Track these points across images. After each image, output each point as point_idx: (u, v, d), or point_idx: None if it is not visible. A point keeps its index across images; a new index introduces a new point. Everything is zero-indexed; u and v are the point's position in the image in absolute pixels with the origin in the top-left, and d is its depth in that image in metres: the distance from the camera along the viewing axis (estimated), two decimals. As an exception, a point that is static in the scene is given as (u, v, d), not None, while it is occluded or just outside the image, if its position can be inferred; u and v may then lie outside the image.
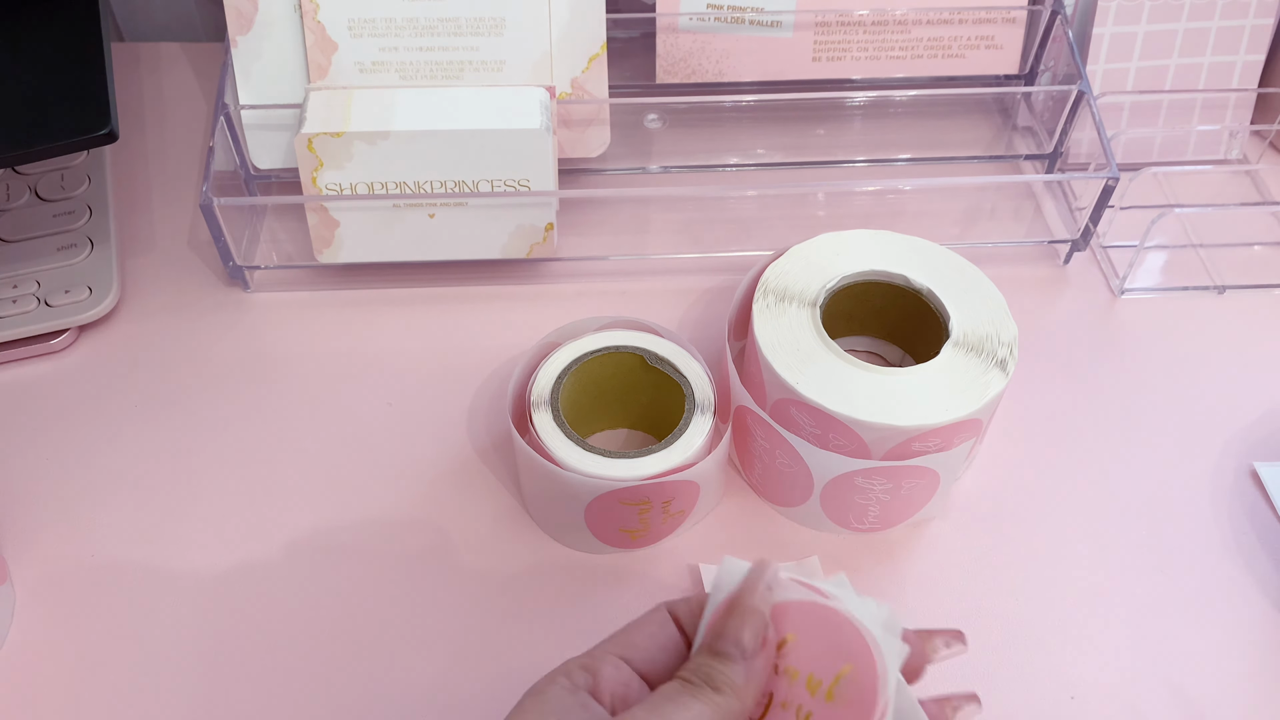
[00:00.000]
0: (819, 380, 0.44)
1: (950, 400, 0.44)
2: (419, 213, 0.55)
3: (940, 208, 0.62)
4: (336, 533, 0.48)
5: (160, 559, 0.47)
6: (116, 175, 0.61)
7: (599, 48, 0.57)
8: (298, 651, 0.44)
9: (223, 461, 0.50)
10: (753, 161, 0.64)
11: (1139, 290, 0.58)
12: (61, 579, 0.46)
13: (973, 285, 0.48)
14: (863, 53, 0.62)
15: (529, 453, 0.44)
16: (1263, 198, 0.63)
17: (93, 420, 0.52)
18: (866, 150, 0.65)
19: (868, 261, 0.49)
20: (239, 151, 0.58)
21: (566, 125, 0.59)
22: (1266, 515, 0.49)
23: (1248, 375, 0.54)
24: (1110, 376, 0.54)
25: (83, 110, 0.48)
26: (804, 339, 0.46)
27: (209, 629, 0.45)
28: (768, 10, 0.60)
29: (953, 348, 0.46)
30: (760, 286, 0.48)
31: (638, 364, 0.47)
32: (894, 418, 0.43)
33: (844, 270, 0.49)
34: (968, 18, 0.61)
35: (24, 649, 0.44)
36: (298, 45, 0.56)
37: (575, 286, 0.58)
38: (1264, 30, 0.62)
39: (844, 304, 0.50)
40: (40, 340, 0.54)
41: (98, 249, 0.56)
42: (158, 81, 0.68)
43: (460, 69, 0.56)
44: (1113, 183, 0.55)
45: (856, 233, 0.50)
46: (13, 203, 0.58)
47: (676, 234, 0.60)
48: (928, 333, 0.48)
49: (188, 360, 0.54)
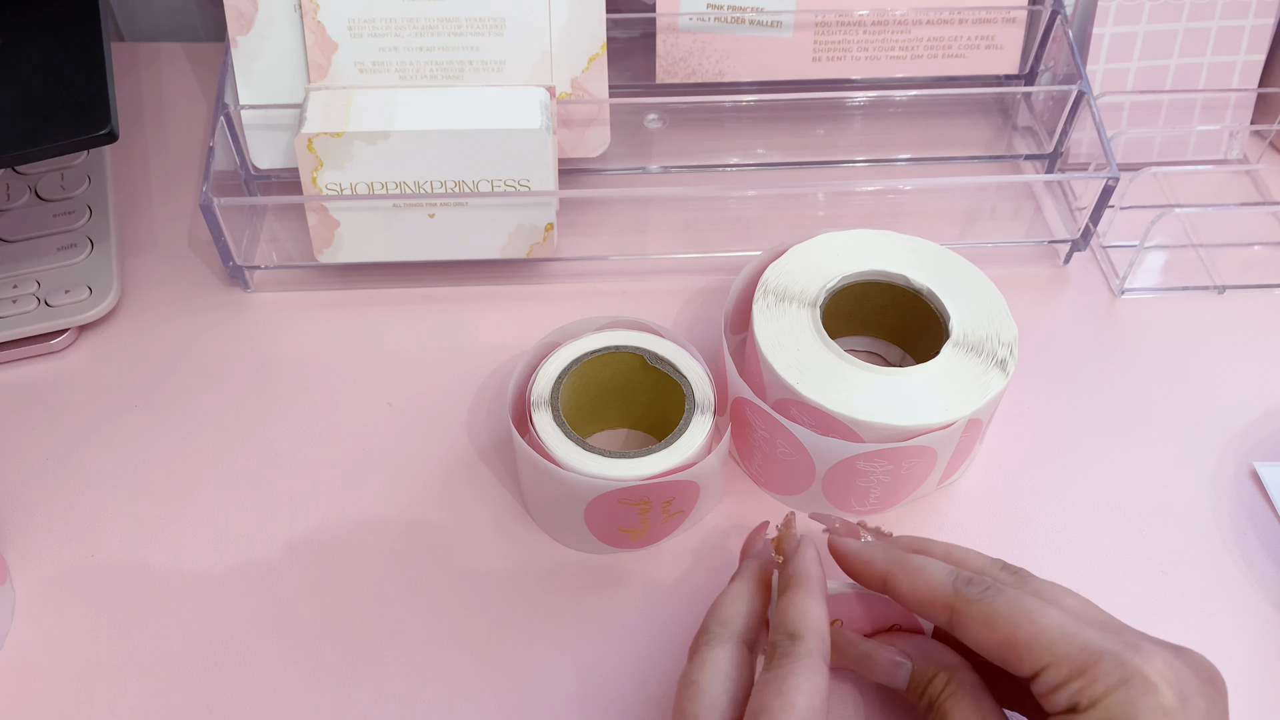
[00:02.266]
0: (819, 380, 0.44)
1: (950, 400, 0.44)
2: (419, 213, 0.55)
3: (940, 208, 0.62)
4: (336, 533, 0.48)
5: (160, 559, 0.47)
6: (116, 175, 0.61)
7: (599, 48, 0.57)
8: (297, 651, 0.44)
9: (223, 461, 0.50)
10: (753, 161, 0.64)
11: (1139, 290, 0.58)
12: (61, 579, 0.46)
13: (973, 285, 0.48)
14: (863, 53, 0.62)
15: (529, 453, 0.44)
16: (1263, 198, 0.63)
17: (93, 420, 0.52)
18: (866, 150, 0.65)
19: (868, 261, 0.49)
20: (239, 151, 0.58)
21: (566, 125, 0.59)
22: (1266, 515, 0.49)
23: (1248, 375, 0.54)
24: (1110, 376, 0.54)
25: (83, 110, 0.48)
26: (804, 339, 0.46)
27: (209, 629, 0.45)
28: (768, 10, 0.60)
29: (953, 348, 0.46)
30: (760, 286, 0.48)
31: (638, 364, 0.47)
32: (894, 418, 0.43)
33: (844, 270, 0.49)
34: (968, 18, 0.61)
35: (24, 649, 0.44)
36: (298, 45, 0.56)
37: (575, 286, 0.58)
38: (1264, 30, 0.62)
39: (844, 304, 0.50)
40: (40, 340, 0.54)
41: (98, 249, 0.56)
42: (158, 81, 0.68)
43: (460, 69, 0.56)
44: (1113, 183, 0.55)
45: (856, 232, 0.50)
46: (13, 203, 0.58)
47: (676, 234, 0.60)
48: (928, 333, 0.48)
49: (188, 360, 0.54)
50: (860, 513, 0.48)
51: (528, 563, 0.47)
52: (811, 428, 0.44)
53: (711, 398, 0.46)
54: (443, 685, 0.43)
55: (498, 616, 0.46)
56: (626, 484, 0.43)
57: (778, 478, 0.48)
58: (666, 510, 0.45)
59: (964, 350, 0.46)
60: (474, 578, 0.47)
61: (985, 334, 0.46)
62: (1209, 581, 0.47)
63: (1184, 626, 0.45)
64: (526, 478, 0.47)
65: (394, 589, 0.46)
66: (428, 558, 0.47)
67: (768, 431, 0.45)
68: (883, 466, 0.44)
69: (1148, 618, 0.46)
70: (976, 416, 0.45)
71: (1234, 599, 0.46)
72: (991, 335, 0.46)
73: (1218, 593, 0.47)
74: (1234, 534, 0.48)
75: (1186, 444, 0.52)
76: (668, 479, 0.43)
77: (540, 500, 0.47)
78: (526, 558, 0.47)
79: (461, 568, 0.47)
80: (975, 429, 0.46)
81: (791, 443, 0.44)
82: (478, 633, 0.45)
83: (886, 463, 0.44)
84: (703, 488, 0.45)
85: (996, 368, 0.45)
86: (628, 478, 0.43)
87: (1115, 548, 0.48)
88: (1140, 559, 0.48)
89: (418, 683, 0.44)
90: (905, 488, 0.47)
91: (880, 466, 0.44)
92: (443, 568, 0.47)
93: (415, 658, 0.44)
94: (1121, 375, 0.54)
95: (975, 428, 0.46)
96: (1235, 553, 0.48)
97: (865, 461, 0.44)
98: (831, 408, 0.43)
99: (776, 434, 0.45)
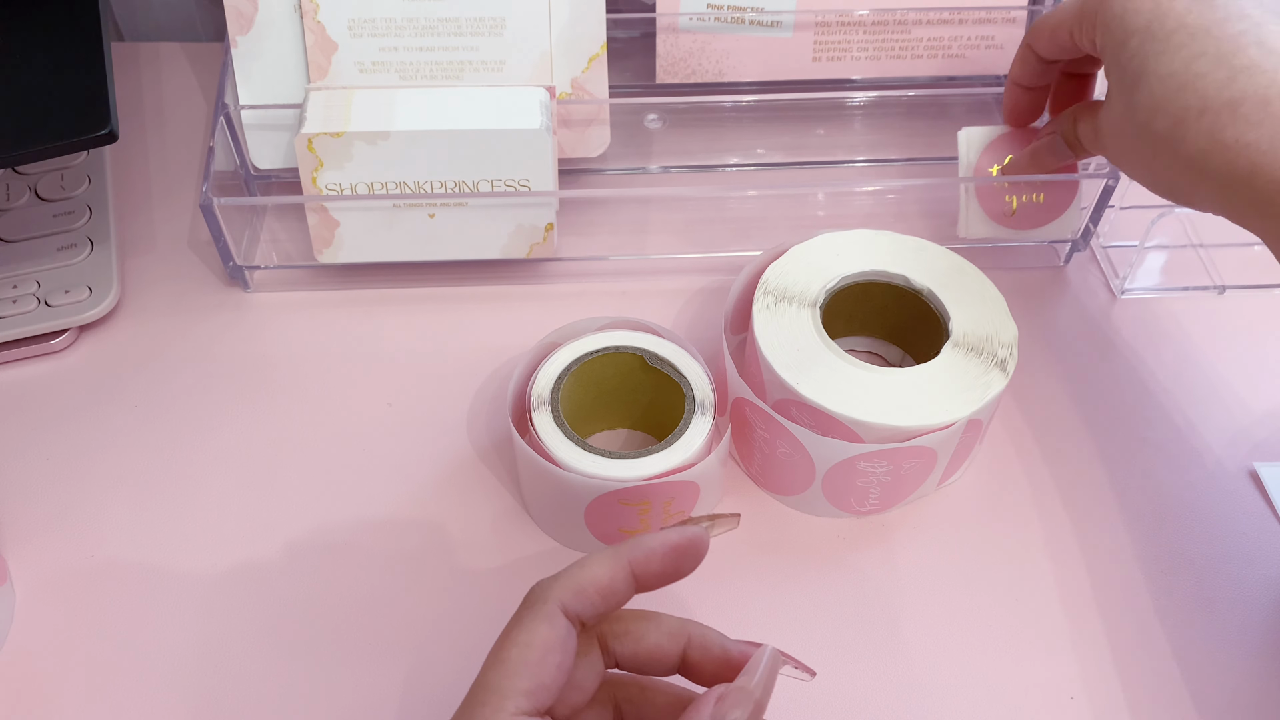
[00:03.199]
0: (819, 380, 0.44)
1: (950, 401, 0.44)
2: (419, 213, 0.55)
3: (940, 208, 0.62)
4: (336, 533, 0.48)
5: (160, 559, 0.47)
6: (116, 175, 0.61)
7: (599, 48, 0.57)
8: (297, 651, 0.44)
9: (223, 461, 0.50)
10: (753, 161, 0.64)
11: (1139, 290, 0.58)
12: (61, 579, 0.46)
13: (973, 286, 0.48)
14: (863, 53, 0.62)
15: (529, 453, 0.44)
16: (1263, 198, 0.63)
17: (93, 420, 0.52)
18: (866, 150, 0.65)
19: (868, 262, 0.49)
20: (239, 151, 0.58)
21: (566, 125, 0.59)
22: (1266, 515, 0.49)
23: (1248, 375, 0.54)
24: (1110, 376, 0.54)
25: (83, 110, 0.48)
26: (804, 339, 0.46)
27: (209, 629, 0.45)
28: (768, 10, 0.60)
29: (953, 348, 0.46)
30: (760, 287, 0.48)
31: (638, 364, 0.47)
32: (894, 418, 0.43)
33: (844, 270, 0.49)
34: (968, 18, 0.61)
35: (24, 649, 0.44)
36: (298, 45, 0.56)
37: (575, 286, 0.58)
38: (1264, 30, 0.62)
39: (844, 304, 0.50)
40: (40, 340, 0.54)
41: (98, 249, 0.56)
42: (158, 81, 0.68)
43: (460, 69, 0.56)
44: (1113, 183, 0.55)
45: (856, 233, 0.50)
46: (13, 203, 0.58)
47: (676, 234, 0.60)
48: (928, 333, 0.49)
49: (188, 360, 0.54)
50: (860, 513, 0.48)
51: (527, 563, 0.47)
52: (811, 428, 0.44)
53: (711, 398, 0.46)
54: (442, 685, 0.43)
55: (497, 616, 0.46)
56: (626, 484, 0.43)
57: (778, 478, 0.48)
58: (667, 510, 0.45)
59: (964, 351, 0.46)
60: (473, 578, 0.47)
61: (985, 334, 0.46)
62: (1209, 581, 0.47)
63: (1184, 627, 0.46)
64: (526, 478, 0.47)
65: (393, 589, 0.46)
66: (427, 558, 0.47)
67: (768, 432, 0.45)
68: (883, 467, 0.44)
69: (1148, 617, 0.46)
70: (976, 417, 0.45)
71: (1234, 599, 0.46)
72: (991, 335, 0.46)
73: (1218, 593, 0.47)
74: (1234, 534, 0.48)
75: (1186, 444, 0.52)
76: (668, 479, 0.43)
77: (540, 500, 0.47)
78: (526, 558, 0.47)
79: (461, 568, 0.47)
80: (975, 429, 0.46)
81: (792, 443, 0.44)
82: (477, 633, 0.45)
83: (886, 463, 0.44)
84: (703, 488, 0.45)
85: (996, 368, 0.45)
86: (628, 478, 0.43)
87: (1115, 548, 0.48)
88: (1140, 559, 0.48)
89: (417, 683, 0.44)
90: (905, 488, 0.47)
91: (880, 467, 0.44)
92: (442, 568, 0.47)
93: (415, 658, 0.44)
94: (1121, 375, 0.54)
95: (975, 428, 0.46)
96: (1235, 553, 0.48)
97: (865, 462, 0.44)
98: (831, 408, 0.43)
99: (776, 434, 0.45)
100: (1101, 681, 0.44)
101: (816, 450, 0.44)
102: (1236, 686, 0.44)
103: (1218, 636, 0.45)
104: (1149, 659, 0.44)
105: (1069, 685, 0.44)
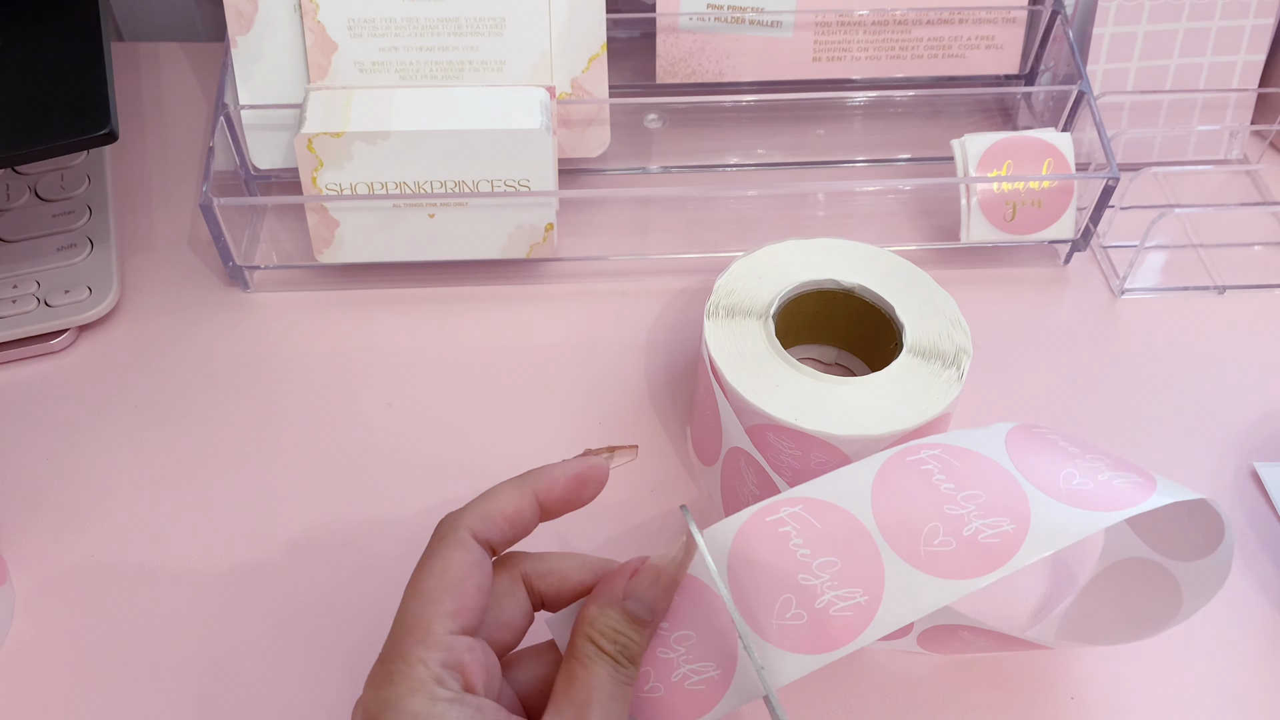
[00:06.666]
0: (771, 393, 0.44)
1: (908, 407, 0.43)
2: (419, 213, 0.55)
3: (940, 207, 0.62)
4: (336, 533, 0.48)
5: (160, 559, 0.47)
6: (116, 175, 0.61)
7: (599, 48, 0.57)
8: (298, 652, 0.44)
9: (223, 461, 0.50)
10: (753, 161, 0.64)
11: (1139, 290, 0.58)
12: (61, 579, 0.46)
13: (922, 290, 0.48)
14: (863, 53, 0.62)
15: None
16: (1263, 198, 0.63)
17: (93, 420, 0.52)
18: (866, 150, 0.65)
19: (812, 272, 0.48)
20: (239, 151, 0.58)
21: (566, 125, 0.59)
22: (1266, 515, 0.49)
23: (1248, 375, 0.54)
24: (1110, 376, 0.54)
25: (83, 110, 0.48)
26: (759, 352, 0.45)
27: (209, 629, 0.45)
28: (768, 10, 0.60)
29: (908, 355, 0.46)
30: (709, 307, 0.47)
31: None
32: (851, 427, 0.43)
33: (793, 282, 0.48)
34: (968, 18, 0.61)
35: (24, 649, 0.44)
36: (298, 45, 0.56)
37: (575, 286, 0.58)
38: (1264, 30, 0.62)
39: (798, 315, 0.49)
40: (40, 340, 0.54)
41: (98, 249, 0.56)
42: (158, 81, 0.68)
43: (460, 69, 0.56)
44: (1113, 183, 0.55)
45: (794, 243, 0.50)
46: (13, 203, 0.58)
47: (676, 234, 0.60)
48: (882, 341, 0.48)
49: (188, 360, 0.54)
50: None
51: (528, 563, 0.47)
52: (791, 449, 0.43)
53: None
54: (443, 685, 0.43)
55: (498, 616, 0.46)
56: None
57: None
58: None
59: (919, 356, 0.45)
60: (474, 578, 0.47)
61: (937, 339, 0.46)
62: (1209, 581, 0.47)
63: (1184, 627, 0.45)
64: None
65: (394, 589, 0.46)
66: (428, 558, 0.47)
67: (799, 448, 0.45)
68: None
69: (1148, 618, 0.46)
70: (939, 417, 0.44)
71: (1234, 599, 0.46)
72: (944, 336, 0.46)
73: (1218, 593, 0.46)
74: (1234, 534, 0.48)
75: (1186, 444, 0.52)
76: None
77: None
78: (526, 558, 0.47)
79: (461, 568, 0.47)
80: (943, 425, 0.46)
81: (826, 450, 0.44)
82: (478, 633, 0.45)
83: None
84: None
85: (951, 369, 0.45)
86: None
87: (1115, 548, 0.48)
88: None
89: (418, 683, 0.44)
90: None
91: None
92: (443, 568, 0.47)
93: (415, 658, 0.44)
94: (1121, 375, 0.54)
95: (943, 423, 0.46)
96: (1235, 553, 0.48)
97: None
98: (804, 425, 0.43)
99: (810, 448, 0.44)
100: (1101, 681, 0.44)
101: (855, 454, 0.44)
102: (1237, 687, 0.44)
103: (1219, 637, 0.45)
104: (1148, 659, 0.44)
105: (1069, 684, 0.44)
